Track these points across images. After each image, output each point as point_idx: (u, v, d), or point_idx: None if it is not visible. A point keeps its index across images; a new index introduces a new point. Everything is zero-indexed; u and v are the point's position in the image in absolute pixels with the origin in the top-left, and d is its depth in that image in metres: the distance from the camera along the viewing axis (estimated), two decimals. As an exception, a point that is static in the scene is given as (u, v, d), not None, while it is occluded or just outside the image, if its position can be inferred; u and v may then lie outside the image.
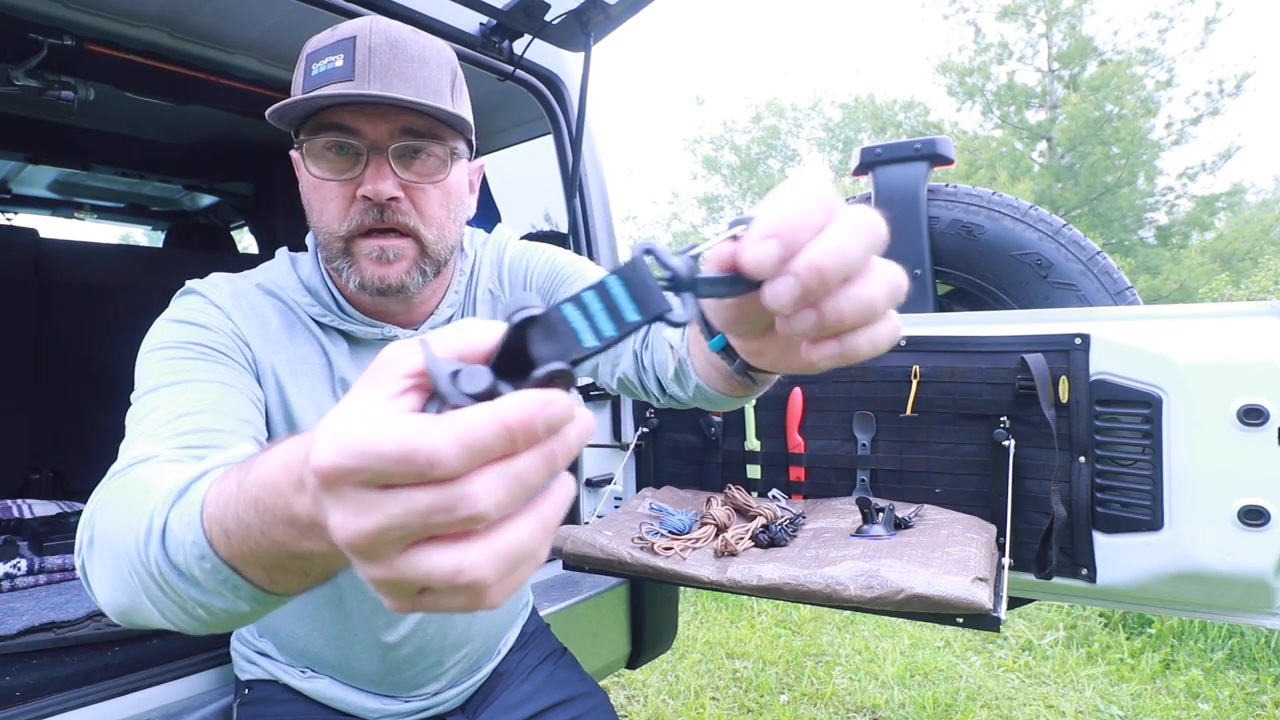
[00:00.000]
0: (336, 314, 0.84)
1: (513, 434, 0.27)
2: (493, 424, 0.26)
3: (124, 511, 0.49)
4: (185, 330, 0.74)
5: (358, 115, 0.75)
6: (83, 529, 0.53)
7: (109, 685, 0.99)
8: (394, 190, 0.75)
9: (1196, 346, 1.07)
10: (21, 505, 1.65)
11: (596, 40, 1.43)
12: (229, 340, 0.76)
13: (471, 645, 0.97)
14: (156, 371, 0.68)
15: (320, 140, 0.76)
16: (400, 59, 0.74)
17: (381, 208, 0.76)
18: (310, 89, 0.74)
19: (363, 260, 0.78)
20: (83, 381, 2.16)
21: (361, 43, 0.74)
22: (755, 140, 19.26)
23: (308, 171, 0.77)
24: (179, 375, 0.68)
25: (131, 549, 0.46)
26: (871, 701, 2.49)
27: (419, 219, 0.78)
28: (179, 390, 0.66)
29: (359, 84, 0.73)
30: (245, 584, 0.41)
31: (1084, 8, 12.27)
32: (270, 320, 0.82)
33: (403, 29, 0.77)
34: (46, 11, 1.39)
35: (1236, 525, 1.03)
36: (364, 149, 0.75)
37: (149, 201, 3.17)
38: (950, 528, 1.16)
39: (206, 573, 0.42)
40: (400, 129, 0.76)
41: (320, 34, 0.78)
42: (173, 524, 0.44)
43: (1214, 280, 9.78)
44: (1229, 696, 2.47)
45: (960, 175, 11.75)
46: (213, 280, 0.82)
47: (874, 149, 1.69)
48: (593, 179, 1.75)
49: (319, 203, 0.78)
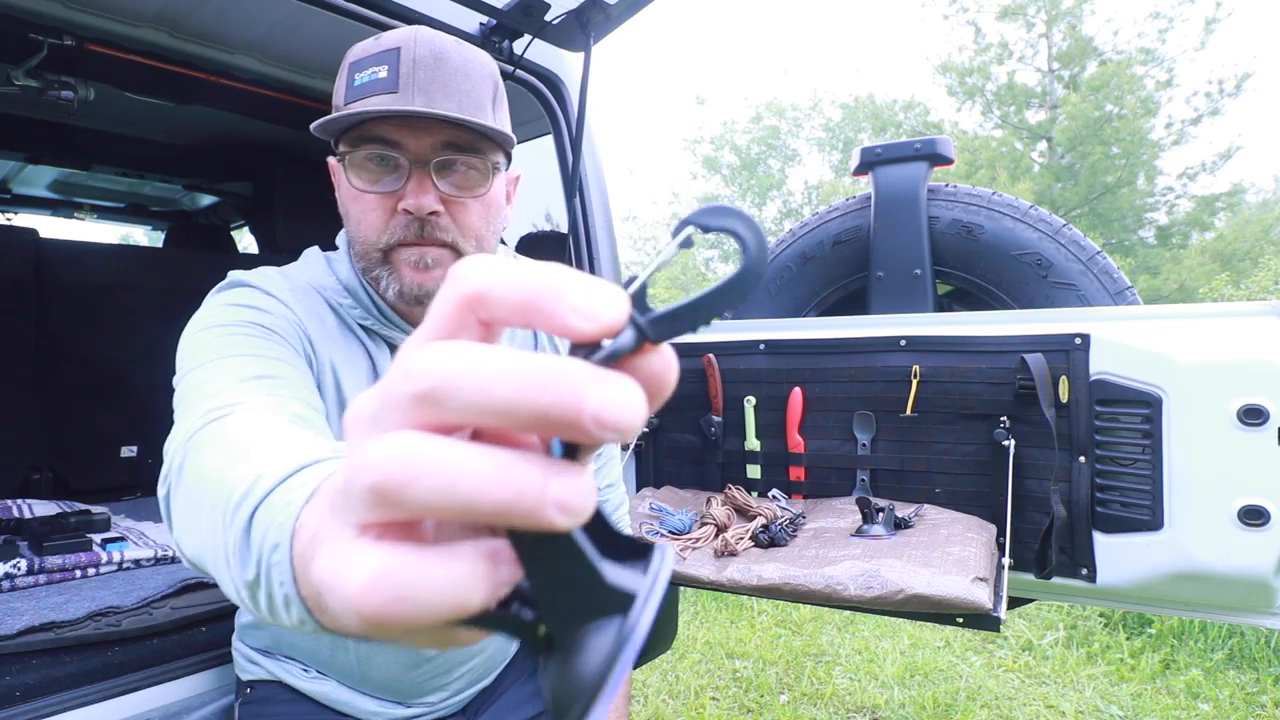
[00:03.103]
0: (377, 318, 0.83)
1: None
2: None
3: (216, 464, 0.46)
4: (243, 311, 0.72)
5: (400, 128, 0.75)
6: (170, 471, 0.52)
7: (109, 685, 0.99)
8: (435, 205, 0.76)
9: (1196, 346, 1.07)
10: (21, 505, 1.65)
11: (596, 40, 1.43)
12: (290, 328, 0.74)
13: (481, 657, 0.97)
14: (215, 346, 0.65)
15: (362, 152, 0.76)
16: (444, 71, 0.75)
17: (422, 222, 0.76)
18: (353, 99, 0.75)
19: (403, 267, 0.78)
20: (82, 381, 2.16)
21: (406, 54, 0.74)
22: (755, 140, 19.25)
23: (348, 182, 0.77)
24: (243, 349, 0.66)
25: (219, 517, 0.42)
26: (871, 701, 2.49)
27: (458, 232, 0.79)
28: (246, 360, 0.64)
29: (403, 96, 0.73)
30: (315, 625, 0.35)
31: (1084, 8, 12.28)
32: (326, 318, 0.81)
33: (446, 40, 0.77)
34: (46, 11, 1.39)
35: (1236, 525, 1.03)
36: (406, 162, 0.75)
37: (149, 201, 3.17)
38: (950, 528, 1.16)
39: (277, 589, 0.37)
40: (443, 143, 0.76)
41: (363, 42, 0.79)
42: (259, 520, 0.39)
43: (1214, 280, 9.78)
44: (1229, 696, 2.47)
45: (960, 175, 11.75)
46: (265, 273, 0.80)
47: (874, 149, 1.69)
48: (593, 179, 1.75)
49: (358, 213, 0.78)
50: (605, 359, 0.21)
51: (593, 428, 0.19)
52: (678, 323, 0.22)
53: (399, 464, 0.19)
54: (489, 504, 0.19)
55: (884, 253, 1.64)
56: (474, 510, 0.19)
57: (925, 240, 1.61)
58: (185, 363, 0.66)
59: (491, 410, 0.19)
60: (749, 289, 0.23)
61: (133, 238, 7.59)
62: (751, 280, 0.23)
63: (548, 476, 0.20)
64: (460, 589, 0.20)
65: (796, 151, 19.41)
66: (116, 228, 4.24)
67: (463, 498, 0.19)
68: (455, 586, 0.20)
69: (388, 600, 0.20)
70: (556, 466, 0.20)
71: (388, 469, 0.19)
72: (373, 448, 0.20)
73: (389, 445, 0.19)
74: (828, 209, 1.80)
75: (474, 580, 0.21)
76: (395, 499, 0.19)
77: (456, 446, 0.20)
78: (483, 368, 0.19)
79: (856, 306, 1.74)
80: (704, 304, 0.22)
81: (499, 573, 0.21)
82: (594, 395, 0.19)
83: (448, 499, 0.19)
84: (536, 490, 0.19)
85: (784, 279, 1.79)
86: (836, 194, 14.95)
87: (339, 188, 0.81)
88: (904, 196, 1.62)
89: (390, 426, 0.21)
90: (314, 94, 1.89)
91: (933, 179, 1.66)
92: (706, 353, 1.45)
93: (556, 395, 0.19)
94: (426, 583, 0.20)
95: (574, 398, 0.19)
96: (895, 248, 1.63)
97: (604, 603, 0.21)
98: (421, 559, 0.20)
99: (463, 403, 0.19)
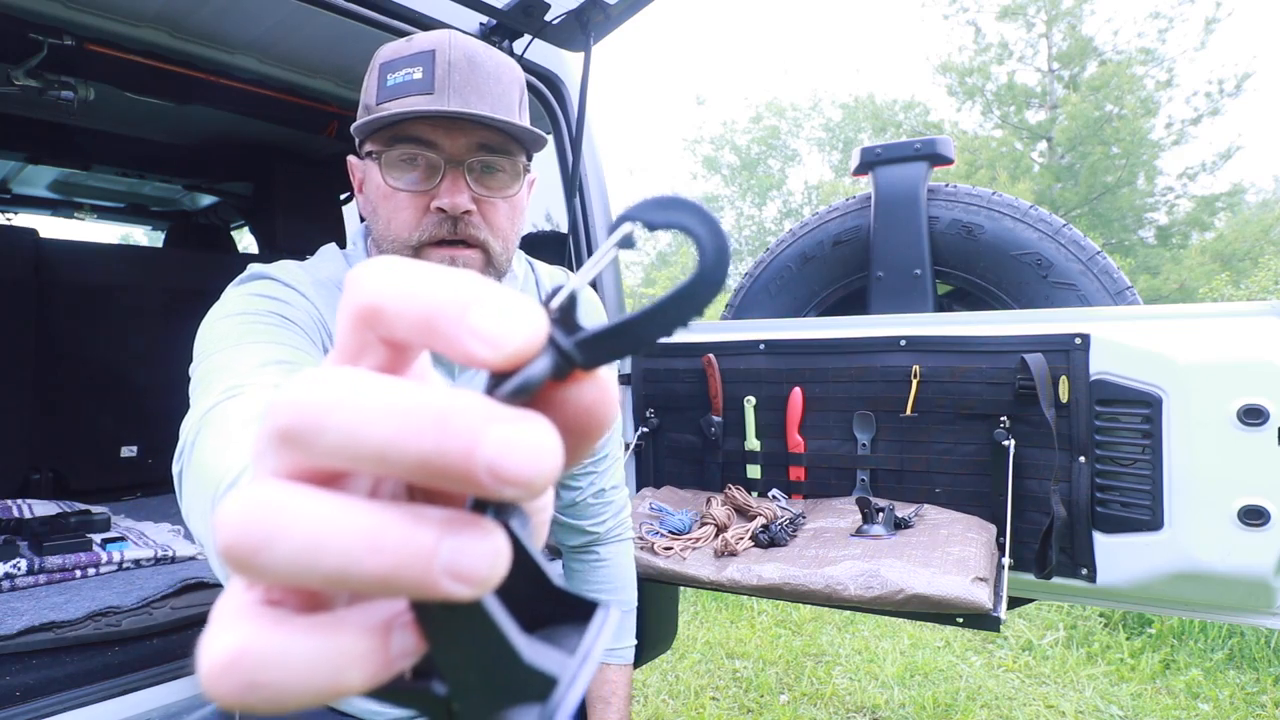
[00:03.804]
0: None
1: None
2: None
3: (213, 448, 0.48)
4: (265, 301, 0.73)
5: (436, 128, 0.76)
6: (181, 450, 0.53)
7: (109, 685, 0.99)
8: (468, 204, 0.77)
9: (1196, 346, 1.07)
10: (21, 505, 1.65)
11: (596, 40, 1.43)
12: (310, 321, 0.75)
13: None
14: (237, 332, 0.67)
15: (397, 151, 0.77)
16: (477, 75, 0.77)
17: (455, 220, 0.78)
18: (385, 99, 0.76)
19: None
20: (82, 381, 2.16)
21: (441, 57, 0.75)
22: (755, 140, 19.26)
23: (382, 180, 0.78)
24: (261, 336, 0.67)
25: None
26: (871, 701, 2.49)
27: (488, 231, 0.80)
28: (264, 346, 0.65)
29: (438, 98, 0.75)
30: None
31: (1084, 8, 12.28)
32: None
33: (478, 45, 0.79)
34: (46, 11, 1.39)
35: (1236, 525, 1.03)
36: (440, 162, 0.77)
37: (149, 201, 3.17)
38: (950, 527, 1.16)
39: None
40: (477, 144, 0.78)
41: (394, 43, 0.80)
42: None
43: (1214, 280, 9.77)
44: (1229, 696, 2.47)
45: (960, 175, 11.75)
46: (285, 266, 0.82)
47: (874, 149, 1.69)
48: (593, 179, 1.75)
49: (389, 211, 0.79)
50: (512, 393, 0.17)
51: (487, 480, 0.16)
52: (614, 343, 0.18)
53: (250, 523, 0.16)
54: (364, 574, 0.16)
55: (884, 253, 1.64)
56: (346, 581, 0.16)
57: (925, 240, 1.61)
58: (204, 349, 0.67)
59: (362, 455, 0.16)
60: (703, 301, 0.18)
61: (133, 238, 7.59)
62: (705, 291, 0.18)
63: (440, 538, 0.16)
64: (335, 668, 0.16)
65: (796, 151, 19.42)
66: (116, 228, 4.24)
67: (329, 566, 0.15)
68: (329, 665, 0.16)
69: (240, 686, 0.16)
70: (456, 524, 0.16)
71: (237, 530, 0.16)
72: (228, 502, 0.16)
73: (242, 499, 0.16)
74: (828, 209, 1.80)
75: (354, 658, 0.17)
76: (251, 566, 0.16)
77: (322, 501, 0.16)
78: (356, 403, 0.16)
79: (856, 306, 1.74)
80: (645, 321, 0.18)
81: (392, 645, 0.17)
82: (490, 440, 0.16)
83: (310, 568, 0.15)
84: (424, 556, 0.16)
85: (784, 279, 1.79)
86: (836, 194, 14.96)
87: (365, 184, 0.82)
88: (904, 196, 1.62)
89: (261, 472, 0.17)
90: (314, 94, 1.89)
91: (933, 179, 1.66)
92: (706, 352, 1.45)
93: (439, 439, 0.16)
94: (291, 662, 0.16)
95: (462, 443, 0.16)
96: (895, 248, 1.63)
97: (521, 686, 0.17)
98: (289, 633, 0.16)
99: (328, 445, 0.16)
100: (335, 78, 1.81)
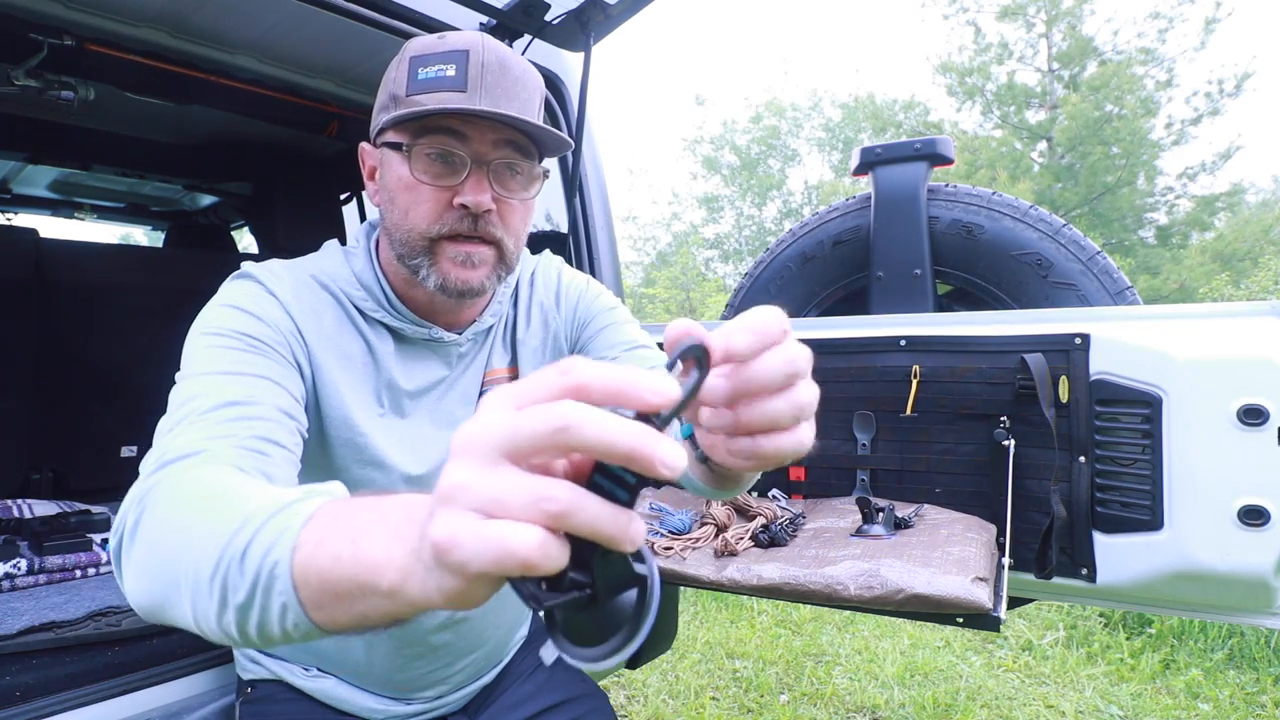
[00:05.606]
0: (388, 310, 0.86)
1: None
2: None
3: (191, 515, 0.50)
4: (238, 319, 0.75)
5: (466, 124, 0.78)
6: (128, 514, 0.54)
7: (109, 685, 0.99)
8: (490, 203, 0.79)
9: (1196, 346, 1.07)
10: (21, 505, 1.65)
11: (596, 40, 1.43)
12: (280, 336, 0.77)
13: (482, 651, 0.97)
14: (207, 358, 0.70)
15: (424, 143, 0.78)
16: (507, 78, 0.79)
17: (476, 217, 0.80)
18: (415, 91, 0.78)
19: (445, 263, 0.81)
20: (83, 381, 2.16)
21: (474, 57, 0.77)
22: (755, 140, 19.24)
23: (406, 170, 0.79)
24: (227, 365, 0.70)
25: (203, 559, 0.46)
26: (871, 701, 2.49)
27: (504, 230, 0.83)
28: (227, 380, 0.68)
29: (471, 96, 0.76)
30: (309, 624, 0.42)
31: (1084, 8, 12.27)
32: (325, 315, 0.84)
33: (507, 50, 0.81)
34: (46, 11, 1.39)
35: (1236, 525, 1.03)
36: (466, 159, 0.78)
37: (149, 201, 3.17)
38: (950, 527, 1.16)
39: (275, 600, 0.42)
40: (504, 143, 0.80)
41: (425, 38, 0.81)
42: (255, 547, 0.44)
43: (1214, 280, 9.77)
44: (1229, 696, 2.47)
45: (960, 175, 11.75)
46: (272, 267, 0.83)
47: (874, 149, 1.69)
48: (593, 179, 1.75)
49: (408, 202, 0.80)
50: (664, 422, 0.33)
51: (661, 468, 0.31)
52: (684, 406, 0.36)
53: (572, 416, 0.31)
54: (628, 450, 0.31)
55: (884, 253, 1.64)
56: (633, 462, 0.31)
57: (925, 240, 1.61)
58: (183, 365, 0.71)
59: (600, 448, 0.31)
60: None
61: (133, 238, 7.60)
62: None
63: (659, 442, 0.31)
64: (604, 522, 0.31)
65: (796, 151, 19.40)
66: (116, 228, 4.25)
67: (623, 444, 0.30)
68: (602, 518, 0.31)
69: (560, 510, 0.31)
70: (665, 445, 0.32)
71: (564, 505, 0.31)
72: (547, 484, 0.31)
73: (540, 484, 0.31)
74: (828, 209, 1.80)
75: (610, 518, 0.31)
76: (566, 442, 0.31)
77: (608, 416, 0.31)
78: (600, 419, 0.31)
79: (856, 306, 1.74)
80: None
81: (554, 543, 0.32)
82: (660, 448, 0.31)
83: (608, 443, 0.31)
84: (649, 451, 0.31)
85: (784, 279, 1.79)
86: (836, 194, 14.95)
87: (382, 173, 0.83)
88: (904, 196, 1.63)
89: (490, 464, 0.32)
90: (314, 94, 1.89)
91: (933, 179, 1.66)
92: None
93: (637, 445, 0.31)
94: (591, 506, 0.31)
95: (649, 449, 0.31)
96: (895, 248, 1.63)
97: (629, 581, 0.35)
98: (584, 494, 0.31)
99: (583, 439, 0.30)
100: (335, 78, 1.81)
